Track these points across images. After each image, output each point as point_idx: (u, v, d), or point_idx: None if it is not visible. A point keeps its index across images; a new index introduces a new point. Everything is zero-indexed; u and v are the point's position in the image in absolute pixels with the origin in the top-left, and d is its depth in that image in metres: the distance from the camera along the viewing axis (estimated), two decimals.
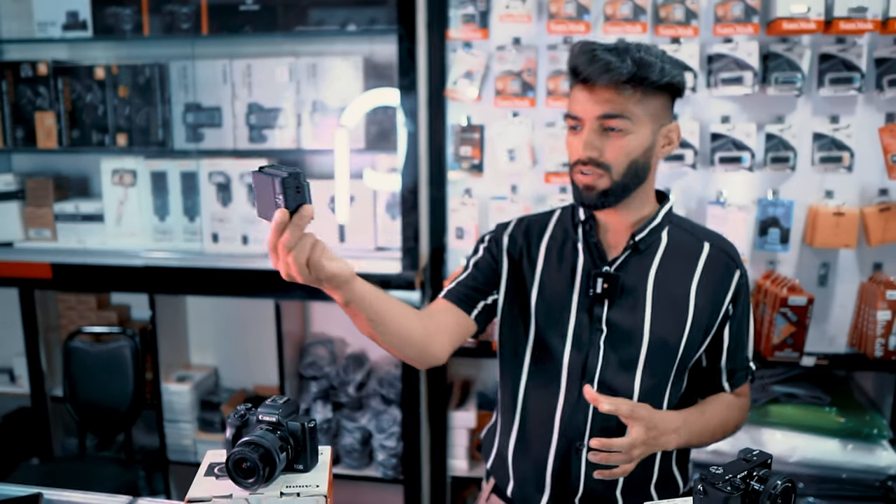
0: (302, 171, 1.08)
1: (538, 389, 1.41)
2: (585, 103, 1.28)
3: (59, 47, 2.79)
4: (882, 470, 2.31)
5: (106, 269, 2.66)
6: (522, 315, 1.43)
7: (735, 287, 1.38)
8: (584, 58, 1.25)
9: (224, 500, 1.18)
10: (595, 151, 1.28)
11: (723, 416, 1.40)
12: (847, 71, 2.26)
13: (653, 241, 1.38)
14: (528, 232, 1.47)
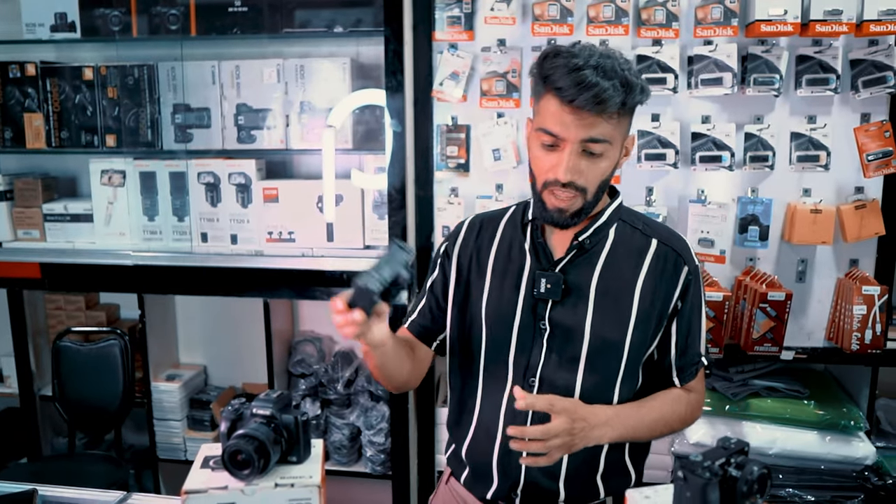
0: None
1: (488, 388, 1.43)
2: (570, 125, 1.25)
3: (48, 48, 2.80)
4: (859, 461, 2.37)
5: (95, 269, 2.67)
6: (474, 318, 1.45)
7: (683, 283, 1.38)
8: (570, 80, 1.22)
9: (220, 491, 1.22)
10: (578, 176, 1.28)
11: (664, 410, 1.40)
12: (823, 72, 2.32)
13: (599, 239, 1.39)
14: (480, 235, 1.49)
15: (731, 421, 2.44)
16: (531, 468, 1.39)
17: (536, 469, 1.39)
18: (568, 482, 1.40)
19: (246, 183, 2.60)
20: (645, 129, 2.39)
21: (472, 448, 1.47)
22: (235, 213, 2.62)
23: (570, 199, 1.30)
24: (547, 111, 1.28)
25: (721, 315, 2.34)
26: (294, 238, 2.60)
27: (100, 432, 2.89)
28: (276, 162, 2.76)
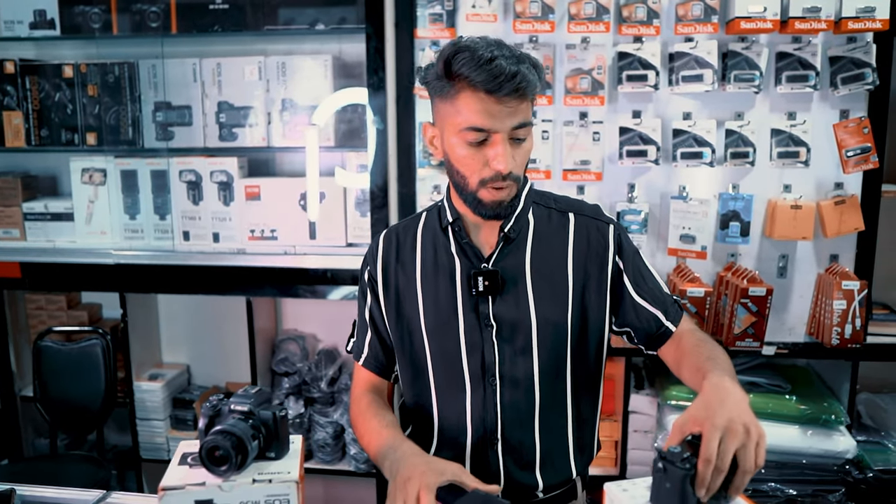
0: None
1: (446, 396, 1.42)
2: (498, 116, 1.22)
3: (27, 46, 2.78)
4: (840, 455, 2.39)
5: (76, 268, 2.66)
6: (413, 332, 1.44)
7: (614, 241, 1.39)
8: (486, 75, 1.19)
9: (197, 487, 1.21)
10: (514, 164, 1.27)
11: (712, 351, 1.32)
12: (803, 69, 2.33)
13: (521, 226, 1.40)
14: (400, 248, 1.47)
15: None
16: (508, 464, 1.39)
17: (513, 464, 1.39)
18: (543, 470, 1.41)
19: (228, 181, 2.59)
20: (626, 125, 2.40)
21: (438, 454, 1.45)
22: (217, 212, 2.61)
23: (509, 191, 1.30)
24: (468, 108, 1.23)
25: (703, 311, 2.35)
26: (276, 236, 2.59)
27: (82, 433, 2.87)
28: (257, 160, 2.76)
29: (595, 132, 2.44)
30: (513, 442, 1.39)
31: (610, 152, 2.46)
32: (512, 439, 1.39)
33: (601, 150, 2.46)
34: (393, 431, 1.35)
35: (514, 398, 1.38)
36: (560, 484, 1.44)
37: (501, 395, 1.38)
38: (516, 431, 1.39)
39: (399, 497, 1.18)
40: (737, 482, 1.03)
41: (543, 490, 1.42)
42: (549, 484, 1.42)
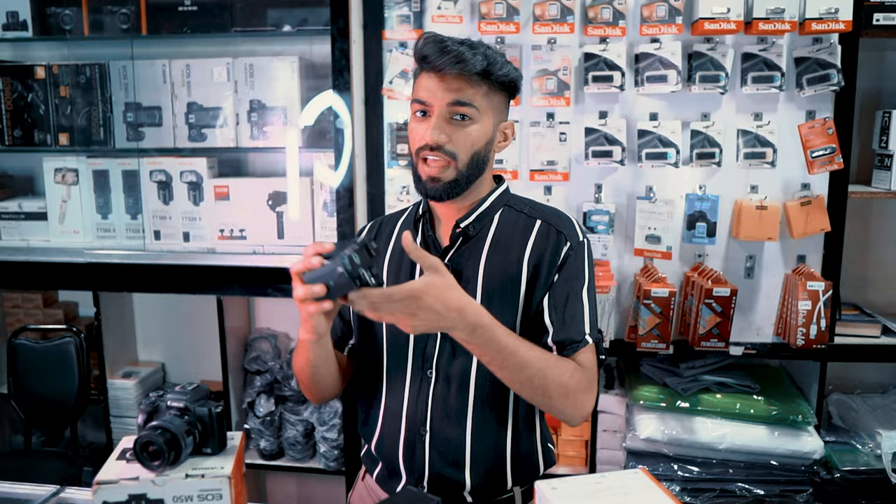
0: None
1: (390, 383, 1.45)
2: (436, 90, 1.30)
3: (1, 47, 2.80)
4: (807, 455, 2.40)
5: (50, 267, 2.67)
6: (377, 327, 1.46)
7: (563, 257, 1.37)
8: (435, 47, 1.28)
9: (131, 481, 1.23)
10: (444, 137, 1.31)
11: (545, 361, 1.29)
12: (768, 70, 2.34)
13: (483, 225, 1.41)
14: (378, 236, 1.53)
15: (680, 416, 2.46)
16: (434, 459, 1.40)
17: (440, 459, 1.40)
18: (473, 470, 1.40)
19: (197, 181, 2.61)
20: (592, 126, 2.41)
21: (379, 444, 1.48)
22: (187, 211, 2.63)
23: (441, 167, 1.33)
24: (419, 85, 1.34)
25: (668, 311, 2.36)
26: (245, 235, 2.61)
27: (56, 429, 2.90)
28: (227, 160, 2.77)
29: (561, 133, 2.46)
30: (440, 437, 1.40)
31: (576, 153, 2.47)
32: (440, 434, 1.40)
33: (567, 151, 2.47)
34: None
35: (445, 393, 1.39)
36: (493, 490, 1.44)
37: (434, 388, 1.40)
38: (445, 426, 1.39)
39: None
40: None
41: (471, 492, 1.42)
42: (478, 486, 1.42)
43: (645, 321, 2.38)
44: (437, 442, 1.40)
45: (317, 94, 2.56)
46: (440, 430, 1.40)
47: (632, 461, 2.49)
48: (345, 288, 1.17)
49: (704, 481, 2.43)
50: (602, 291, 2.39)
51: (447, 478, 1.41)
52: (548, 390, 1.29)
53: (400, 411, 1.43)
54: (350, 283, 1.16)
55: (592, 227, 2.46)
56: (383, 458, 1.47)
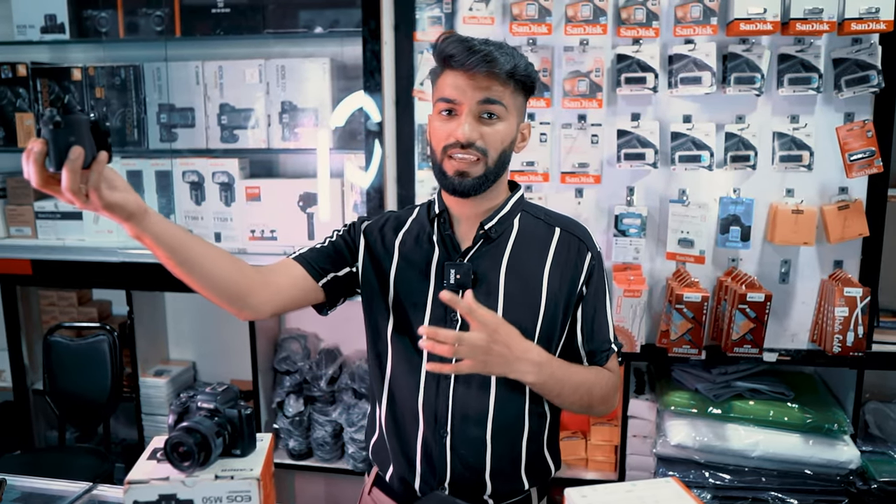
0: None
1: (402, 377, 1.43)
2: (465, 88, 1.30)
3: (38, 49, 2.85)
4: (843, 465, 2.35)
5: (84, 266, 2.72)
6: (382, 306, 1.46)
7: (587, 269, 1.40)
8: (462, 47, 1.28)
9: (162, 482, 1.24)
10: (476, 134, 1.30)
11: (589, 378, 1.39)
12: (805, 71, 2.30)
13: (504, 229, 1.41)
14: (386, 225, 1.50)
15: (712, 422, 2.43)
16: (456, 461, 1.39)
17: (461, 461, 1.39)
18: (493, 471, 1.40)
19: (229, 182, 2.63)
20: (625, 128, 2.39)
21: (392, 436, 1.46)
22: (219, 212, 2.66)
23: (470, 162, 1.32)
24: (444, 84, 1.33)
25: (700, 316, 2.33)
26: (276, 236, 2.63)
27: (89, 426, 2.94)
28: (258, 161, 2.80)
29: (593, 135, 2.43)
30: (462, 438, 1.39)
31: (608, 155, 2.44)
32: (461, 435, 1.39)
33: (599, 153, 2.44)
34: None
35: (467, 396, 1.39)
36: (511, 494, 1.44)
37: (455, 390, 1.39)
38: (467, 428, 1.39)
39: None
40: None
41: (492, 494, 1.42)
42: (497, 487, 1.42)
43: (677, 326, 2.35)
44: (459, 443, 1.39)
45: (348, 95, 2.58)
46: (461, 432, 1.39)
47: (662, 467, 2.46)
48: (61, 135, 1.06)
49: (736, 489, 2.40)
50: (633, 296, 2.36)
51: (468, 479, 1.41)
52: (592, 402, 1.40)
53: (416, 409, 1.41)
54: (56, 127, 1.06)
55: (624, 230, 2.44)
56: (399, 453, 1.46)
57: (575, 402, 1.38)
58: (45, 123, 1.06)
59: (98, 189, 1.08)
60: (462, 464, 1.40)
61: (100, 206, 1.10)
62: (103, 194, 1.09)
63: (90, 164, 1.08)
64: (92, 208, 1.11)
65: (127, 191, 1.14)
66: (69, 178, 1.05)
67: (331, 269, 1.46)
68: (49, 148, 1.06)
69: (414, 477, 1.43)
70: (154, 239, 1.21)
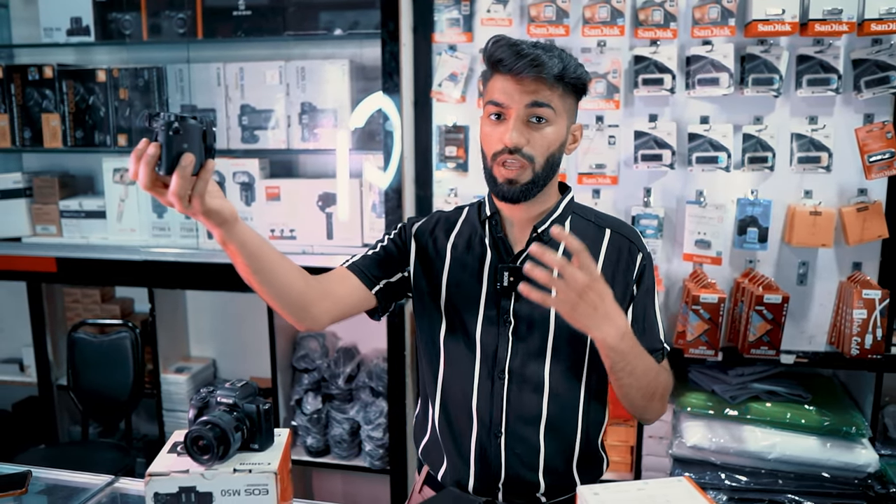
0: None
1: (456, 378, 1.45)
2: (513, 93, 1.30)
3: (64, 51, 2.91)
4: (861, 468, 2.33)
5: (107, 264, 2.77)
6: (434, 308, 1.47)
7: (638, 269, 1.41)
8: (510, 51, 1.28)
9: (181, 474, 1.26)
10: (523, 140, 1.30)
11: (656, 368, 1.37)
12: (824, 72, 2.29)
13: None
14: (437, 227, 1.51)
15: (728, 424, 2.42)
16: (511, 460, 1.41)
17: (516, 461, 1.41)
18: (546, 471, 1.42)
19: (249, 182, 2.67)
20: (642, 129, 2.39)
21: (446, 435, 1.48)
22: (239, 211, 2.61)
23: (517, 170, 1.32)
24: (494, 87, 1.33)
25: (716, 317, 2.33)
26: (295, 235, 2.66)
27: (111, 421, 2.99)
28: (278, 161, 2.83)
29: (610, 136, 2.44)
30: (516, 438, 1.41)
31: (625, 156, 2.45)
32: (516, 435, 1.41)
33: (616, 154, 2.45)
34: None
35: (521, 396, 1.40)
36: (563, 491, 1.45)
37: (509, 390, 1.40)
38: (521, 428, 1.40)
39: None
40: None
41: (545, 493, 1.44)
42: (551, 487, 1.43)
43: (693, 327, 2.35)
44: (513, 443, 1.41)
45: (366, 96, 2.60)
46: (516, 432, 1.41)
47: (678, 468, 2.46)
48: (176, 141, 1.08)
49: (753, 491, 2.39)
50: None
51: (522, 479, 1.42)
52: (656, 393, 1.36)
53: (469, 409, 1.43)
54: (175, 133, 1.08)
55: (641, 230, 2.44)
56: (452, 452, 1.47)
57: (642, 388, 1.32)
58: (164, 129, 1.08)
59: (202, 195, 1.11)
60: (517, 463, 1.41)
61: (199, 211, 1.13)
62: (205, 200, 1.12)
63: (199, 171, 1.11)
64: (191, 213, 1.14)
65: (222, 198, 1.18)
66: (179, 183, 1.08)
67: (383, 275, 1.48)
68: (162, 152, 1.08)
69: (468, 477, 1.45)
70: (239, 246, 1.24)
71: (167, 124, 1.08)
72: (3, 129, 2.88)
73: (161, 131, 1.08)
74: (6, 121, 2.87)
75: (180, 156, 1.08)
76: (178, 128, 1.08)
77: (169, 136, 1.08)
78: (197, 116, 1.12)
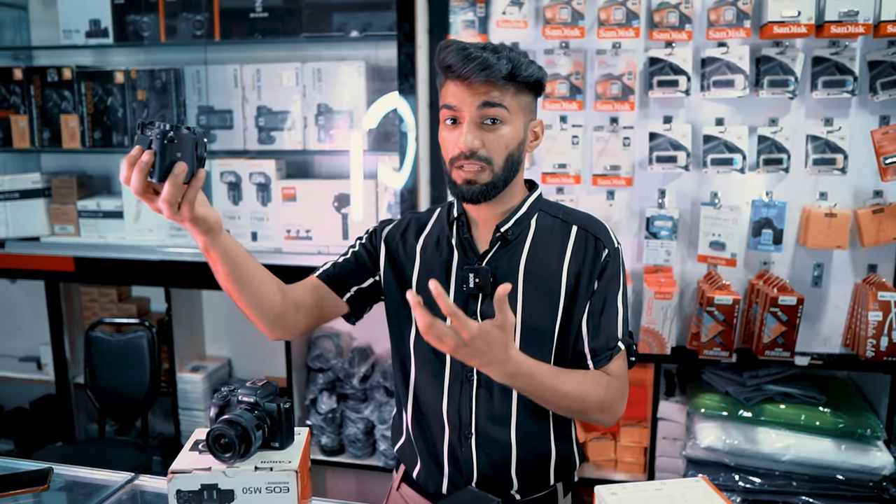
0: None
1: (426, 381, 1.45)
2: (464, 96, 1.29)
3: (83, 53, 2.94)
4: (876, 470, 2.33)
5: (124, 263, 2.80)
6: (404, 312, 1.46)
7: (601, 264, 1.38)
8: (459, 56, 1.27)
9: (203, 472, 1.28)
10: (477, 143, 1.29)
11: (582, 386, 1.34)
12: (840, 74, 2.29)
13: (521, 230, 1.40)
14: (408, 229, 1.50)
15: (742, 425, 2.42)
16: (482, 460, 1.41)
17: (487, 460, 1.41)
18: (519, 470, 1.42)
19: (266, 182, 2.69)
20: (656, 131, 2.39)
21: (418, 435, 1.48)
22: (256, 212, 2.71)
23: (475, 171, 1.31)
24: (447, 92, 1.33)
25: (731, 319, 2.33)
26: (311, 236, 2.68)
27: (128, 419, 3.02)
28: (294, 162, 2.85)
29: (625, 137, 2.45)
30: (487, 439, 1.41)
31: (640, 158, 2.45)
32: (486, 436, 1.41)
33: (631, 156, 2.45)
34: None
35: (489, 397, 1.40)
36: (537, 488, 1.45)
37: (478, 392, 1.40)
38: (491, 429, 1.40)
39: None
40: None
41: (519, 490, 1.44)
42: (525, 485, 1.43)
43: (708, 328, 2.35)
44: (484, 444, 1.41)
45: (382, 97, 2.61)
46: (486, 433, 1.41)
47: (691, 470, 2.46)
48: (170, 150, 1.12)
49: (766, 493, 2.39)
50: (664, 298, 2.37)
51: (495, 478, 1.42)
52: (586, 410, 1.35)
53: (440, 410, 1.43)
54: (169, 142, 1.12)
55: (655, 232, 2.44)
56: (425, 452, 1.48)
57: (563, 410, 1.35)
58: (159, 137, 1.12)
59: (192, 203, 1.16)
60: (488, 463, 1.41)
61: (188, 218, 1.18)
62: (194, 208, 1.17)
63: (190, 179, 1.15)
64: (178, 220, 1.18)
65: (209, 207, 1.22)
66: (171, 191, 1.12)
67: (354, 282, 1.49)
68: (156, 160, 1.12)
69: (441, 478, 1.46)
70: (222, 254, 1.29)
71: (163, 133, 1.12)
72: (23, 129, 2.91)
73: (156, 140, 1.12)
74: (25, 121, 2.91)
75: (173, 164, 1.12)
76: (172, 137, 1.12)
77: (164, 145, 1.12)
78: (190, 127, 1.16)
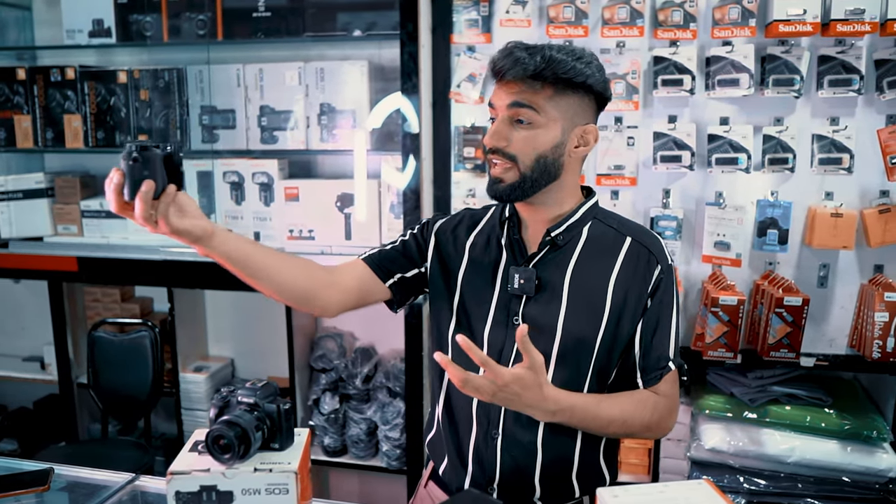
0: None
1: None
2: (499, 94, 1.32)
3: (86, 53, 2.94)
4: (882, 472, 2.30)
5: (127, 263, 2.80)
6: (446, 307, 1.47)
7: (654, 281, 1.36)
8: (500, 54, 1.30)
9: (202, 473, 1.27)
10: (502, 141, 1.31)
11: (625, 410, 1.34)
12: (846, 73, 2.27)
13: (572, 236, 1.39)
14: (460, 225, 1.51)
15: (747, 427, 2.40)
16: (506, 462, 1.40)
17: (511, 462, 1.40)
18: (543, 479, 1.40)
19: (268, 182, 2.69)
20: (661, 130, 2.38)
21: (448, 432, 1.48)
22: (258, 212, 2.71)
23: (502, 168, 1.33)
24: (493, 91, 1.36)
25: (736, 319, 2.31)
26: (314, 236, 2.67)
27: (131, 419, 3.01)
28: (297, 162, 2.85)
29: (629, 137, 2.43)
30: (512, 440, 1.40)
31: (644, 157, 2.44)
32: (512, 437, 1.39)
33: (635, 155, 2.44)
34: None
35: None
36: (561, 498, 1.43)
37: None
38: (519, 432, 1.39)
39: None
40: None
41: (541, 498, 1.42)
42: (547, 494, 1.42)
43: (712, 329, 2.34)
44: (509, 445, 1.40)
45: (385, 97, 2.61)
46: (513, 435, 1.39)
47: (696, 471, 2.45)
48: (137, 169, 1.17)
49: (771, 495, 2.37)
50: None
51: (517, 481, 1.41)
52: (631, 432, 1.38)
53: (470, 408, 1.43)
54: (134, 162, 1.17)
55: (660, 232, 2.43)
56: (452, 449, 1.47)
57: (609, 434, 1.38)
58: (124, 158, 1.18)
59: (166, 216, 1.21)
60: (512, 465, 1.40)
61: (168, 231, 1.23)
62: (171, 221, 1.21)
63: (160, 195, 1.20)
64: (161, 232, 1.24)
65: (196, 217, 1.26)
66: (141, 207, 1.18)
67: (398, 270, 1.50)
68: (126, 179, 1.18)
69: (465, 476, 1.45)
70: (223, 257, 1.33)
71: (128, 154, 1.18)
72: (26, 129, 2.92)
73: (123, 160, 1.18)
74: (29, 121, 2.91)
75: (142, 182, 1.17)
76: (136, 157, 1.17)
77: (130, 165, 1.18)
78: (160, 145, 1.20)
